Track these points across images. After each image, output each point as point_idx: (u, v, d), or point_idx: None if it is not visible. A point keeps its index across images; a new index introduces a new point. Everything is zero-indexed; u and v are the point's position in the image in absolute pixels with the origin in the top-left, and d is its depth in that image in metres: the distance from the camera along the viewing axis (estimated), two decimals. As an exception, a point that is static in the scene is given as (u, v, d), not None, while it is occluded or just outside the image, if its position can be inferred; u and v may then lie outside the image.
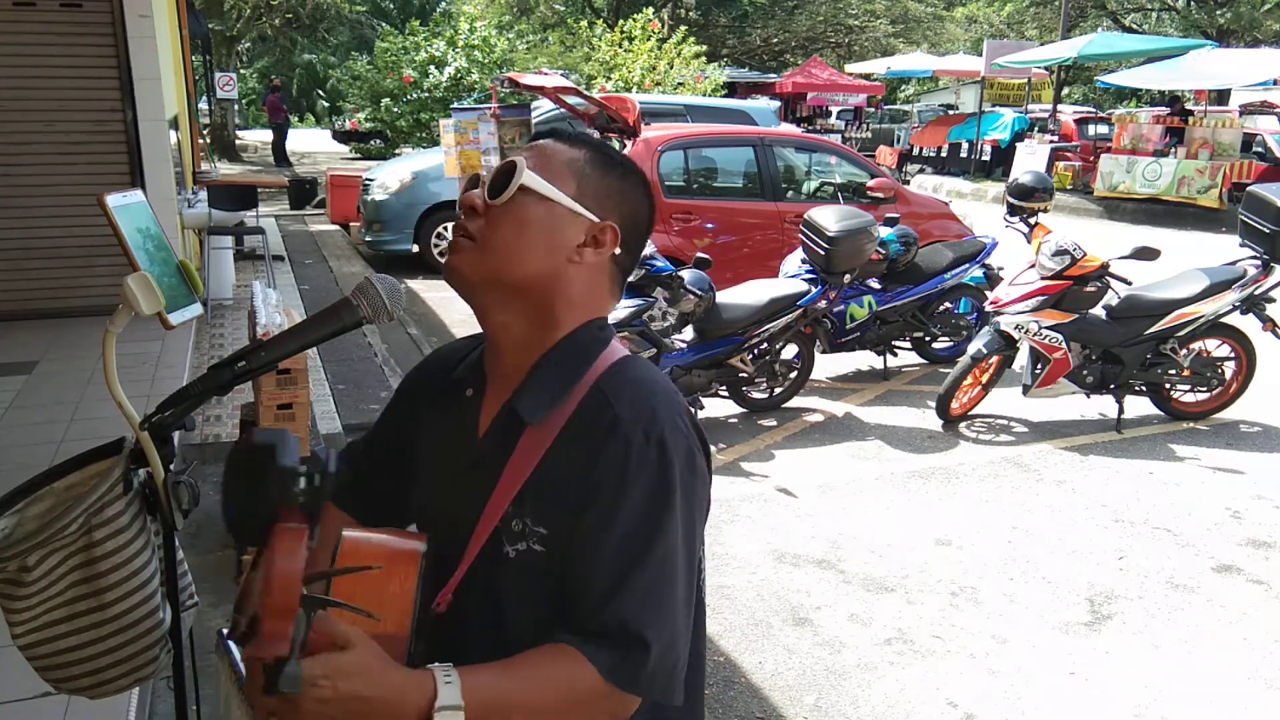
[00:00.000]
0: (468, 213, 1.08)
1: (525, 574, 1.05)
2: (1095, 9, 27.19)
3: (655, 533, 1.00)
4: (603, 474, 1.00)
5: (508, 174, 1.06)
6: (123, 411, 1.35)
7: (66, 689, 1.37)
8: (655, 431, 1.01)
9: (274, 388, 3.09)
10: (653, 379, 1.09)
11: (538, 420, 1.04)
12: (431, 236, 9.21)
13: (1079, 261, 4.78)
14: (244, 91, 34.92)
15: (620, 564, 0.99)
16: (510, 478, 1.05)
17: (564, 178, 1.07)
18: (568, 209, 1.06)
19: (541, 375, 1.07)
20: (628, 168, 1.14)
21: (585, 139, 1.13)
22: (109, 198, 1.78)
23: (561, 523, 1.02)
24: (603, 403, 1.03)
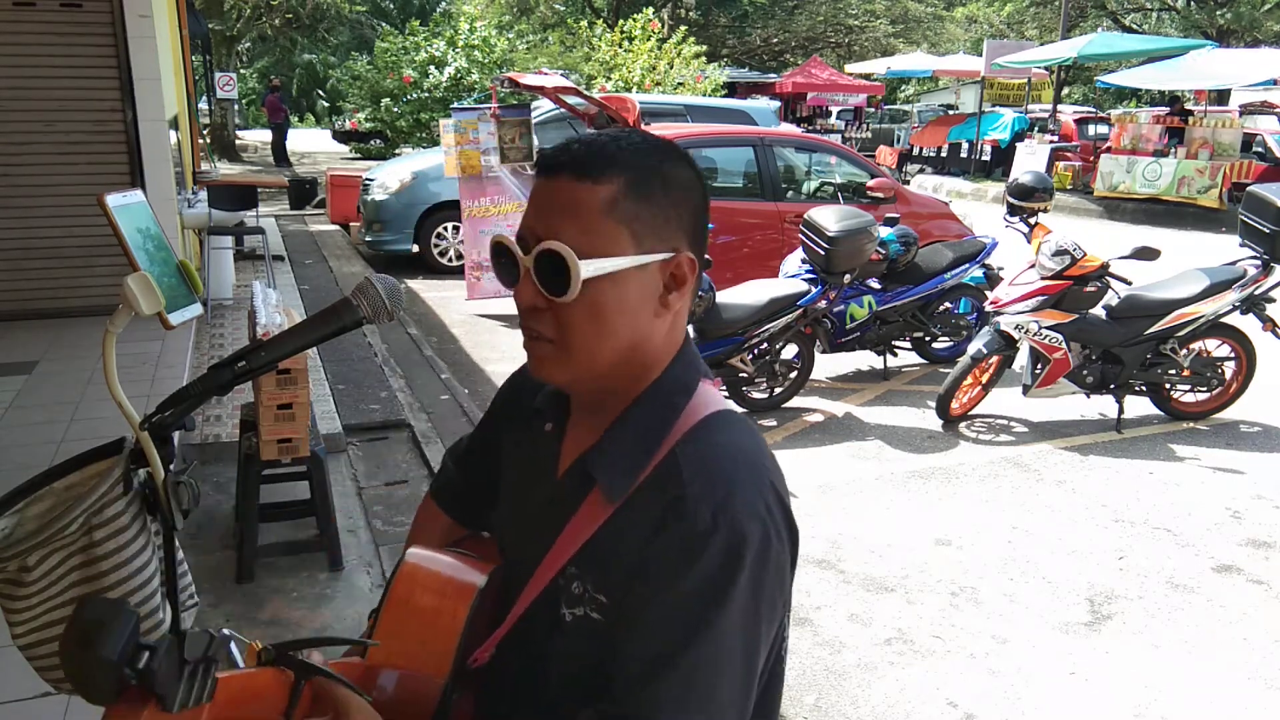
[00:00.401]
0: (529, 312, 0.95)
1: (579, 640, 0.98)
2: (1095, 9, 27.19)
3: (703, 626, 0.88)
4: (660, 553, 0.90)
5: (558, 268, 0.90)
6: (123, 411, 1.35)
7: (66, 689, 1.37)
8: (726, 516, 0.88)
9: (274, 388, 3.08)
10: (737, 448, 0.95)
11: (617, 498, 0.95)
12: (431, 236, 9.22)
13: (1079, 261, 4.78)
14: (244, 91, 34.93)
15: (658, 654, 0.88)
16: (571, 535, 0.97)
17: (613, 234, 0.91)
18: (635, 269, 0.92)
19: (621, 438, 0.97)
20: (663, 160, 0.96)
21: (602, 151, 0.93)
22: (109, 198, 1.78)
23: (619, 593, 0.94)
24: (675, 473, 0.92)
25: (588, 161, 0.92)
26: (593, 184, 0.91)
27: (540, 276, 0.92)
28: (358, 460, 4.38)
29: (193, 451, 4.19)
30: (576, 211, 0.91)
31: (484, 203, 7.54)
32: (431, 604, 1.00)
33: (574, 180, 0.91)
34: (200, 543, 3.48)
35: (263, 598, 3.14)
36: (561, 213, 0.91)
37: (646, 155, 0.94)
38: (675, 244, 0.95)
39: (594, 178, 0.91)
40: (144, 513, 1.36)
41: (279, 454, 3.16)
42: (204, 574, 3.21)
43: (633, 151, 0.94)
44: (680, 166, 0.97)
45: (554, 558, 0.98)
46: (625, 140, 0.95)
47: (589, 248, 0.90)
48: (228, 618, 2.99)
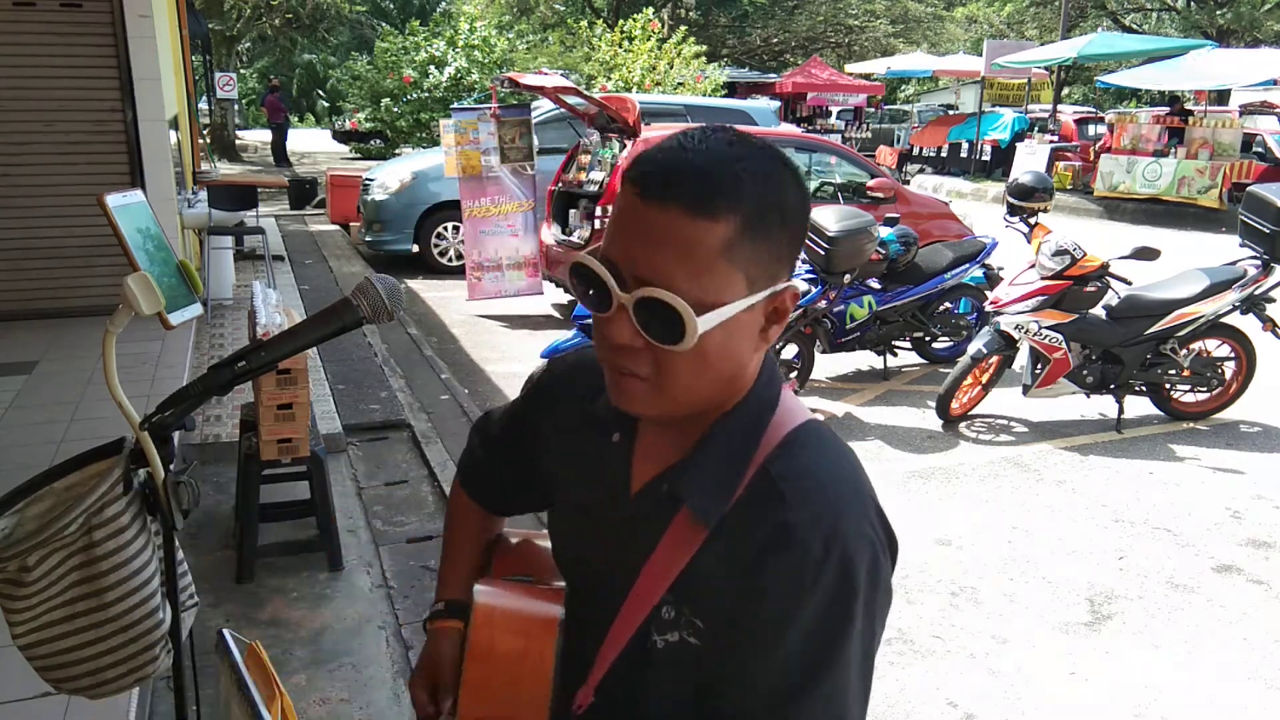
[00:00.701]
0: (621, 349, 0.85)
1: (673, 668, 0.93)
2: (1095, 9, 27.19)
3: (829, 656, 0.86)
4: (771, 584, 0.86)
5: (669, 319, 0.81)
6: (123, 411, 1.35)
7: (66, 689, 1.37)
8: (838, 543, 0.85)
9: (274, 388, 3.08)
10: (834, 465, 0.92)
11: (713, 523, 0.89)
12: (431, 236, 9.22)
13: (1079, 261, 4.78)
14: (244, 91, 34.94)
15: (786, 684, 0.86)
16: (663, 562, 0.91)
17: (728, 279, 0.82)
18: (744, 310, 0.85)
19: (709, 458, 0.91)
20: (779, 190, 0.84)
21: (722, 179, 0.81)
22: (109, 198, 1.78)
23: (718, 617, 0.90)
24: (774, 496, 0.88)
25: (706, 194, 0.80)
26: (709, 222, 0.80)
27: (643, 320, 0.83)
28: (358, 460, 4.38)
29: (193, 451, 4.19)
30: (689, 254, 0.80)
31: (484, 203, 7.54)
32: (516, 647, 0.96)
33: (687, 216, 0.80)
34: (200, 543, 3.48)
35: (263, 598, 3.14)
36: (672, 254, 0.80)
37: (767, 183, 0.83)
38: (782, 277, 0.87)
39: (711, 214, 0.80)
40: (144, 513, 1.36)
41: (279, 454, 3.16)
42: (204, 574, 3.21)
43: (752, 179, 0.82)
44: (795, 188, 0.87)
45: (647, 588, 0.93)
46: (743, 164, 0.82)
47: (701, 295, 0.81)
48: (228, 618, 2.99)
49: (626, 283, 0.83)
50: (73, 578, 1.30)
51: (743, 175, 0.82)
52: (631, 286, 0.82)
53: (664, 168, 0.82)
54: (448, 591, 1.18)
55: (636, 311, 0.82)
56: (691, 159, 0.82)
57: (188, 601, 1.49)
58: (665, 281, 0.80)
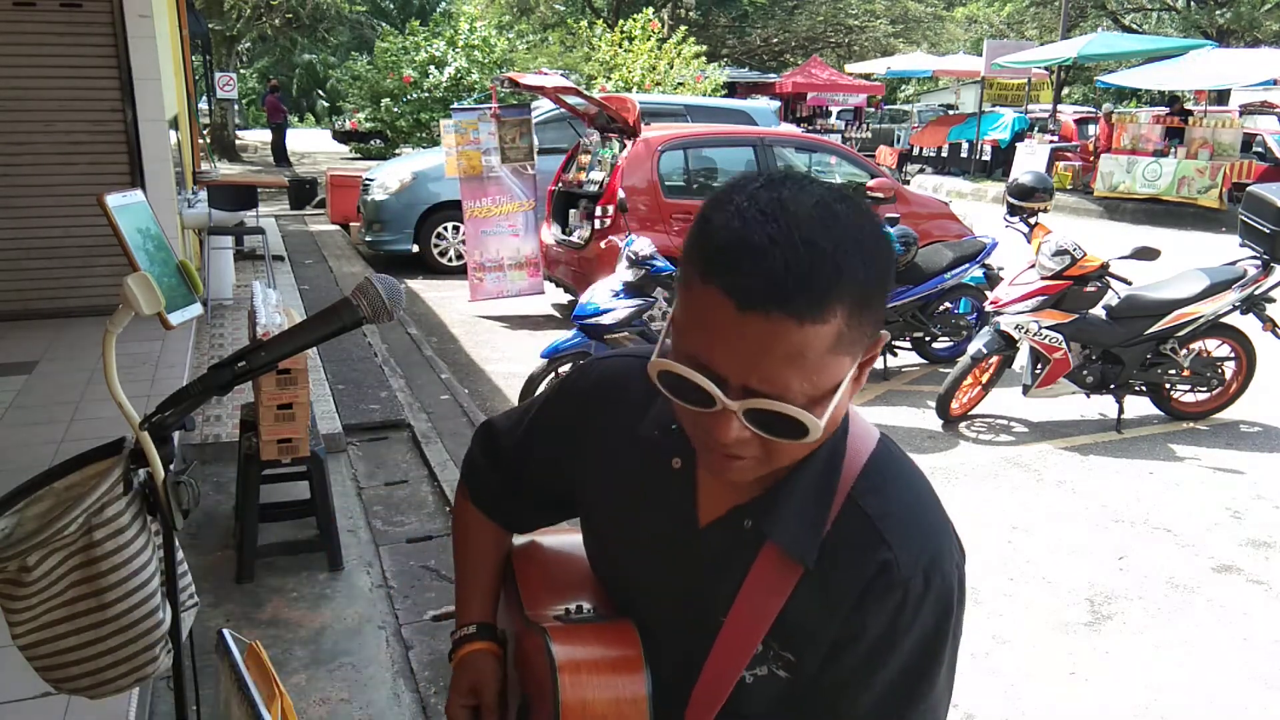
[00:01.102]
0: (732, 443, 0.81)
1: (763, 701, 0.93)
2: (1095, 9, 27.20)
3: (924, 683, 0.89)
4: (871, 618, 0.86)
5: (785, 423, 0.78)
6: (123, 411, 1.35)
7: (66, 689, 1.37)
8: (936, 576, 0.86)
9: (274, 388, 3.08)
10: (921, 496, 0.91)
11: (811, 563, 0.87)
12: (431, 236, 9.22)
13: (1079, 261, 4.78)
14: (244, 91, 34.94)
15: (883, 712, 0.89)
16: (755, 604, 0.89)
17: (839, 365, 0.79)
18: (851, 379, 0.82)
19: (796, 495, 0.88)
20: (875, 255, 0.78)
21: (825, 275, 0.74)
22: (109, 198, 1.78)
23: (811, 652, 0.90)
24: (871, 534, 0.87)
25: (811, 300, 0.74)
26: (817, 326, 0.75)
27: (756, 423, 0.79)
28: (358, 460, 4.38)
29: (193, 451, 4.19)
30: (800, 361, 0.76)
31: (485, 203, 7.54)
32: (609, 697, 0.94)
33: (795, 325, 0.74)
34: (200, 543, 3.47)
35: (263, 598, 3.14)
36: (783, 365, 0.76)
37: (865, 263, 0.77)
38: (881, 327, 0.83)
39: (819, 319, 0.74)
40: (144, 513, 1.36)
41: (279, 454, 3.16)
42: (204, 574, 3.21)
43: (852, 266, 0.75)
44: (883, 240, 0.81)
45: (743, 630, 0.90)
46: (840, 250, 0.75)
47: (814, 392, 0.78)
48: (228, 618, 2.99)
49: (730, 388, 0.78)
50: (73, 578, 1.30)
51: (843, 265, 0.75)
52: (737, 394, 0.78)
53: (760, 273, 0.74)
54: (476, 613, 1.14)
55: (747, 416, 0.79)
56: (789, 260, 0.73)
57: (188, 601, 1.49)
58: (779, 391, 0.77)
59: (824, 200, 0.78)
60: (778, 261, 0.73)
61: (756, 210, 0.76)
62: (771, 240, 0.74)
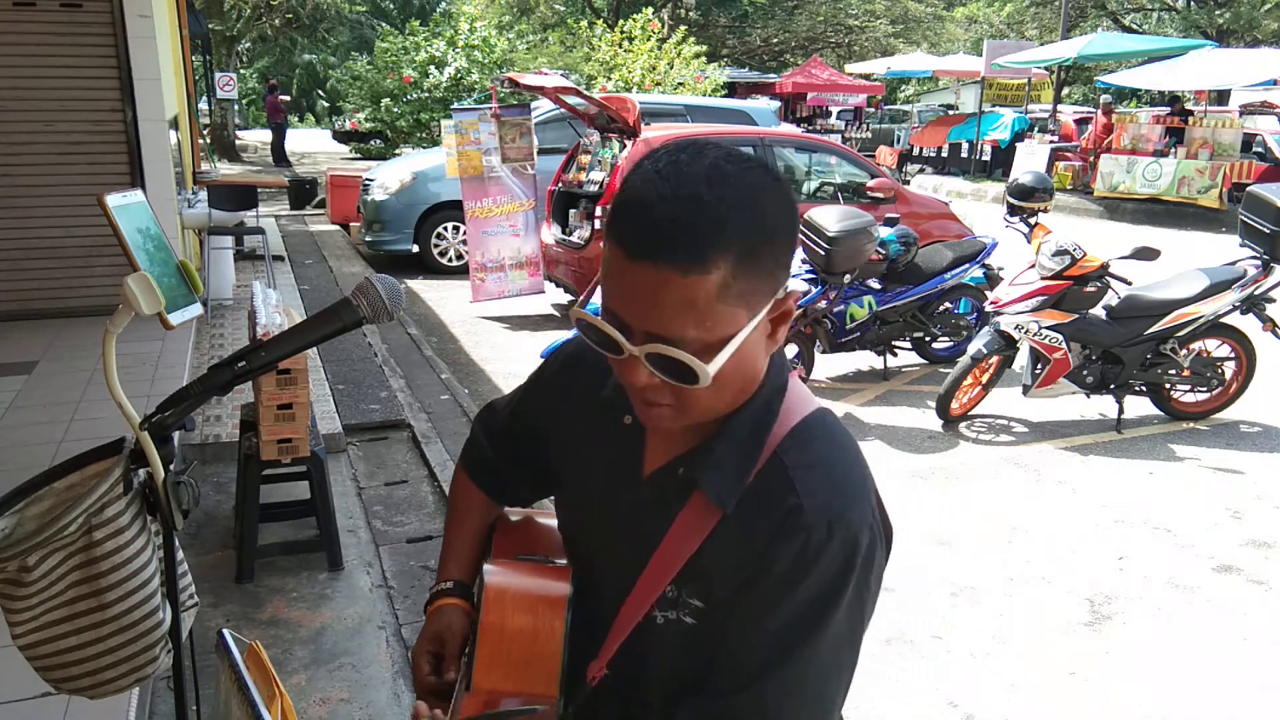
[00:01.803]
0: (643, 388, 0.89)
1: (670, 643, 0.99)
2: (1095, 9, 27.20)
3: (817, 629, 0.92)
4: (775, 563, 0.91)
5: (680, 368, 0.85)
6: (123, 411, 1.35)
7: (66, 689, 1.37)
8: (840, 527, 0.90)
9: (274, 388, 3.08)
10: (841, 456, 0.97)
11: (730, 507, 0.93)
12: (431, 236, 9.22)
13: (1079, 261, 4.78)
14: (244, 91, 34.93)
15: (770, 652, 0.92)
16: (677, 545, 0.96)
17: (731, 315, 0.84)
18: (752, 331, 0.87)
19: (724, 447, 0.95)
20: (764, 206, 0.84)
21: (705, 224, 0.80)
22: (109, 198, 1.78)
23: (719, 596, 0.95)
24: (785, 483, 0.92)
25: (693, 249, 0.80)
26: (702, 275, 0.81)
27: (657, 367, 0.86)
28: (358, 460, 4.38)
29: (193, 451, 4.19)
30: (689, 308, 0.82)
31: (486, 203, 7.54)
32: (527, 624, 0.99)
33: (679, 274, 0.80)
34: (200, 543, 3.48)
35: (263, 598, 3.14)
36: (672, 311, 0.82)
37: (750, 215, 0.82)
38: (781, 284, 0.89)
39: (703, 268, 0.80)
40: (144, 513, 1.36)
41: (279, 454, 3.16)
42: (204, 574, 3.22)
43: (737, 218, 0.81)
44: (778, 200, 0.86)
45: (660, 569, 0.97)
46: (724, 204, 0.81)
47: (708, 337, 0.84)
48: (228, 618, 2.99)
49: (634, 334, 0.86)
50: (73, 578, 1.30)
51: (727, 217, 0.81)
52: (639, 339, 0.85)
53: (646, 226, 0.81)
54: (452, 572, 1.20)
55: (649, 361, 0.86)
56: (671, 213, 0.80)
57: (188, 601, 1.49)
58: (670, 335, 0.83)
59: (716, 162, 0.84)
60: (662, 214, 0.81)
61: (654, 172, 0.84)
62: (659, 196, 0.81)
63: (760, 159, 0.90)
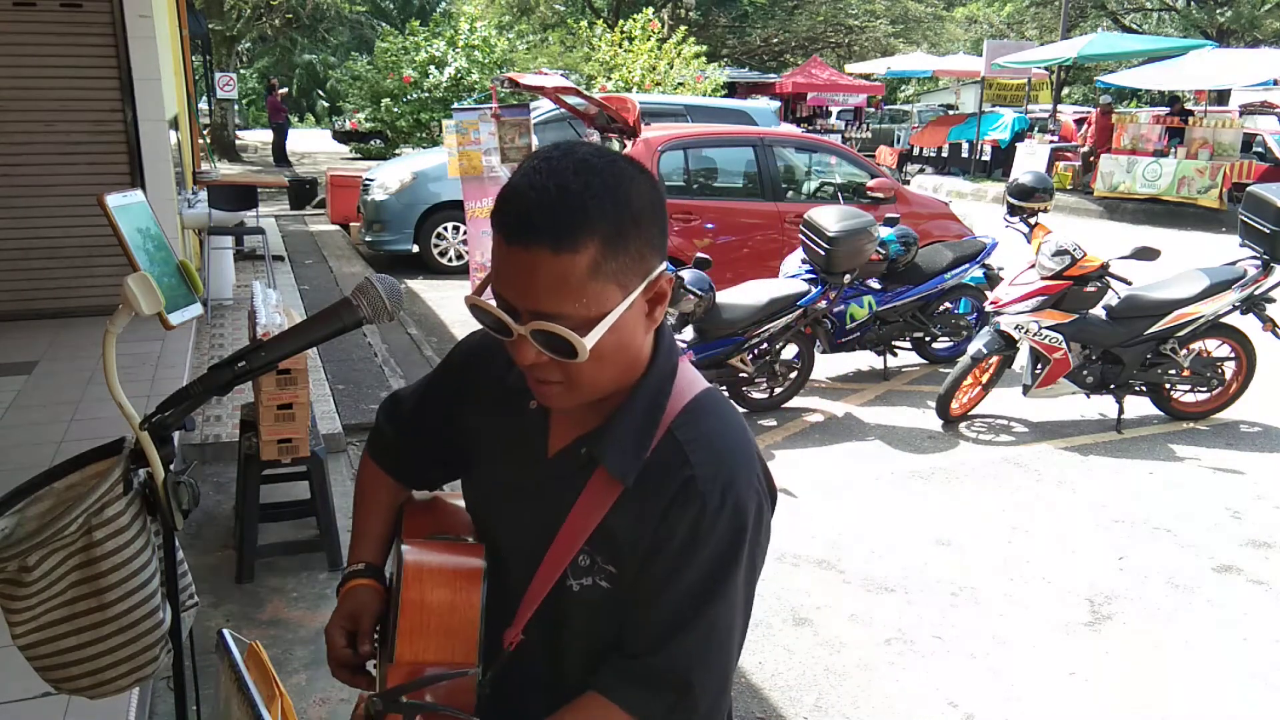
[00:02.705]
0: (532, 367, 0.97)
1: (587, 608, 1.05)
2: (1095, 9, 27.20)
3: (718, 590, 1.00)
4: (674, 530, 0.99)
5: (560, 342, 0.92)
6: (123, 411, 1.35)
7: (66, 689, 1.37)
8: (731, 494, 0.99)
9: (274, 388, 3.08)
10: (729, 430, 1.04)
11: (630, 481, 1.01)
12: (431, 236, 9.22)
13: (1079, 261, 4.78)
14: (244, 91, 34.91)
15: (678, 614, 0.99)
16: (582, 516, 1.03)
17: (602, 293, 0.92)
18: (627, 309, 0.94)
19: (623, 425, 1.02)
20: (628, 196, 0.92)
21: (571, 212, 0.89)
22: (109, 198, 1.78)
23: (629, 564, 1.02)
24: (679, 456, 1.00)
25: (561, 230, 0.88)
26: (572, 254, 0.89)
27: (541, 343, 0.93)
28: (358, 460, 4.38)
29: (193, 451, 4.19)
30: (563, 286, 0.90)
31: (486, 203, 7.52)
32: (445, 597, 1.04)
33: (551, 253, 0.88)
34: (200, 543, 3.48)
35: (263, 598, 3.14)
36: (548, 289, 0.90)
37: (614, 201, 0.91)
38: (653, 266, 0.97)
39: (572, 247, 0.89)
40: (144, 513, 1.36)
41: (279, 454, 3.16)
42: (204, 574, 3.21)
43: (599, 204, 0.90)
44: (642, 190, 0.94)
45: (567, 539, 1.03)
46: (589, 191, 0.90)
47: (585, 313, 0.91)
48: (228, 618, 2.99)
49: (520, 315, 0.93)
50: (73, 578, 1.30)
51: (590, 204, 0.89)
52: (524, 319, 0.93)
53: (518, 212, 0.90)
54: (364, 554, 1.24)
55: (534, 338, 0.93)
56: (541, 199, 0.89)
57: (188, 601, 1.49)
58: (550, 312, 0.91)
59: (585, 158, 0.93)
60: (533, 201, 0.90)
61: (529, 168, 0.93)
62: (531, 186, 0.90)
63: (627, 155, 0.96)
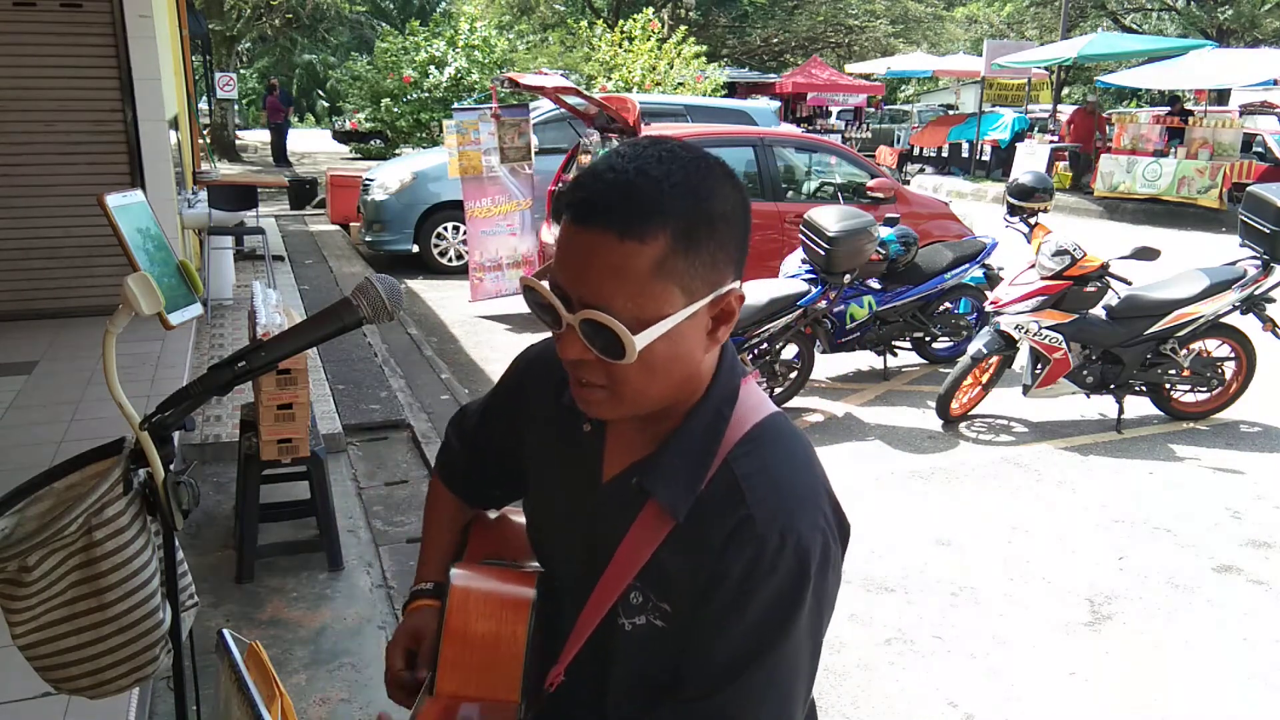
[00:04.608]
0: (572, 364, 0.91)
1: (639, 647, 0.99)
2: (1095, 9, 27.18)
3: (780, 634, 0.93)
4: (731, 570, 0.92)
5: (609, 337, 0.86)
6: (123, 411, 1.35)
7: (66, 689, 1.37)
8: (792, 535, 0.91)
9: (274, 388, 3.08)
10: (792, 463, 0.97)
11: (681, 517, 0.95)
12: (431, 236, 9.22)
13: (1079, 261, 4.78)
14: (244, 91, 34.90)
15: (736, 657, 0.93)
16: (632, 551, 0.97)
17: (664, 294, 0.86)
18: (687, 319, 0.88)
19: (676, 455, 0.96)
20: (709, 196, 0.87)
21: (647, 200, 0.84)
22: (109, 198, 1.78)
23: (683, 602, 0.96)
24: (735, 492, 0.94)
25: (631, 216, 0.84)
26: (638, 244, 0.84)
27: (589, 338, 0.88)
28: (358, 460, 4.38)
29: (193, 451, 4.19)
30: (623, 276, 0.85)
31: (485, 203, 7.54)
32: (490, 629, 1.00)
33: (616, 239, 0.84)
34: (200, 543, 3.48)
35: (263, 598, 3.14)
36: (606, 277, 0.85)
37: (693, 196, 0.86)
38: (723, 281, 0.91)
39: (638, 236, 0.84)
40: (144, 513, 1.36)
41: (279, 454, 3.16)
42: (204, 574, 3.22)
43: (678, 195, 0.85)
44: (725, 192, 0.89)
45: (615, 575, 0.98)
46: (668, 181, 0.85)
47: (640, 313, 0.86)
48: (228, 618, 2.99)
49: (572, 303, 0.88)
50: (73, 578, 1.30)
51: (667, 193, 0.85)
52: (576, 308, 0.88)
53: (593, 193, 0.85)
54: (429, 573, 1.22)
55: (582, 330, 0.87)
56: (618, 181, 0.85)
57: (188, 601, 1.49)
58: (603, 303, 0.85)
59: (672, 148, 0.89)
60: (609, 181, 0.85)
61: (613, 152, 0.89)
62: (610, 168, 0.86)
63: (720, 159, 0.91)
